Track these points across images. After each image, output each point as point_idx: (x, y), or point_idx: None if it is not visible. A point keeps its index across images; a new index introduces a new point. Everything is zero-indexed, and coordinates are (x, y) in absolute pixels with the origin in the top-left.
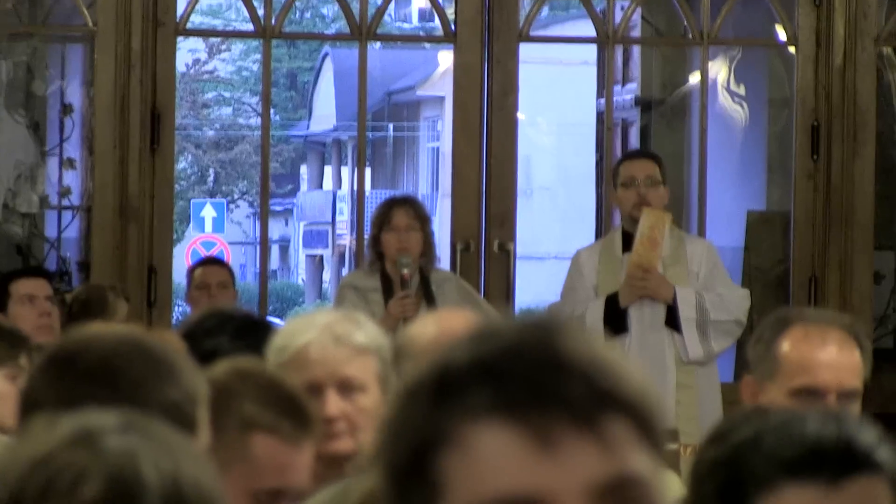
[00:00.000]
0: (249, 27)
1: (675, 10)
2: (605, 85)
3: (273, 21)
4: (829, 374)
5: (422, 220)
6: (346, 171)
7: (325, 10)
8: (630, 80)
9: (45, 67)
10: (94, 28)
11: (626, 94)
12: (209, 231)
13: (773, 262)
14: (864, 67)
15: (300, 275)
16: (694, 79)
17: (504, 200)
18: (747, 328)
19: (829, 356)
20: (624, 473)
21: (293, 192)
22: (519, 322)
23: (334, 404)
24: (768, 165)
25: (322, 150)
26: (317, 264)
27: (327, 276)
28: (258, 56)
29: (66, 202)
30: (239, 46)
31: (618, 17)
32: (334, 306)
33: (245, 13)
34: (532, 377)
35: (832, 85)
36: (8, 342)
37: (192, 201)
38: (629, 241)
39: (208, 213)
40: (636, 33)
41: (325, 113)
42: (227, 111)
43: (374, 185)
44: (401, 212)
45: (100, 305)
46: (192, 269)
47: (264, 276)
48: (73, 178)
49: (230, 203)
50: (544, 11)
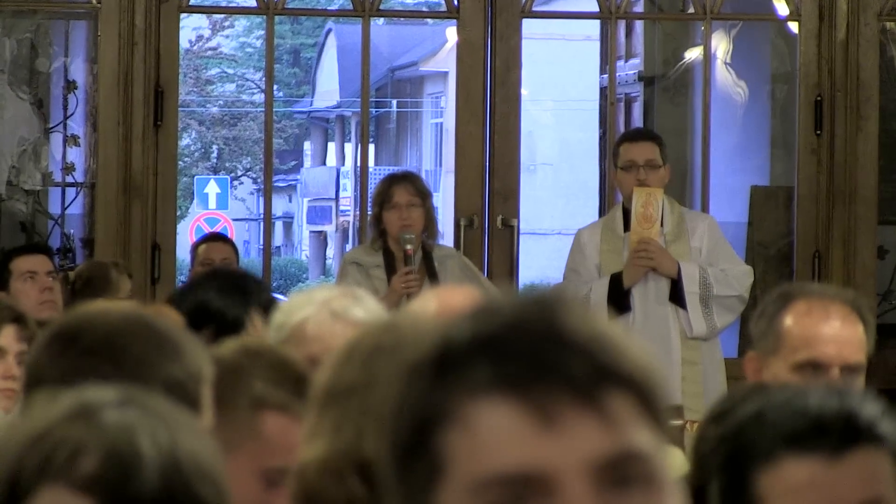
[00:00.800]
0: (253, 3)
1: None
2: (607, 60)
3: None
4: (831, 349)
5: (422, 196)
6: (349, 148)
7: None
8: (633, 55)
9: (48, 44)
10: (97, 5)
11: (628, 69)
12: (213, 207)
13: (776, 237)
14: (867, 42)
15: (304, 251)
16: (695, 54)
17: (507, 176)
18: (751, 303)
19: (832, 330)
20: (625, 449)
21: (297, 168)
22: (520, 298)
23: None
24: (771, 140)
25: (325, 127)
26: (320, 240)
27: (331, 252)
28: (261, 32)
29: (69, 179)
30: (242, 23)
31: None
32: (337, 282)
33: None
34: (533, 353)
35: (835, 60)
36: None
37: (196, 178)
38: (630, 219)
39: (212, 189)
40: (639, 8)
41: (328, 89)
42: (230, 88)
43: (377, 162)
44: (401, 189)
45: (103, 282)
46: (195, 246)
47: (268, 252)
48: (76, 155)
49: (234, 179)
50: None
